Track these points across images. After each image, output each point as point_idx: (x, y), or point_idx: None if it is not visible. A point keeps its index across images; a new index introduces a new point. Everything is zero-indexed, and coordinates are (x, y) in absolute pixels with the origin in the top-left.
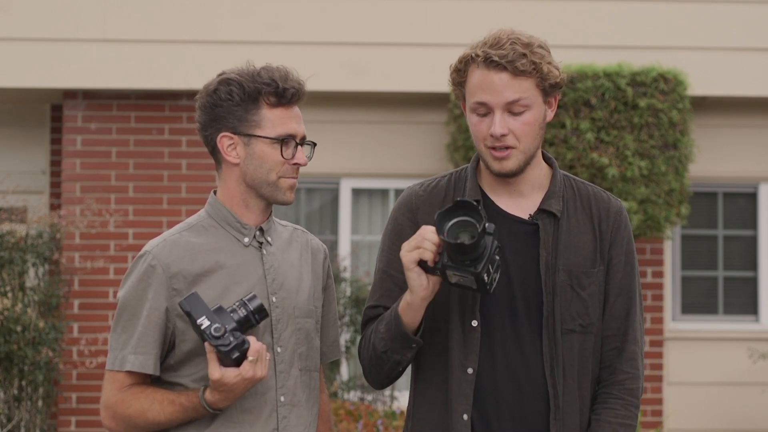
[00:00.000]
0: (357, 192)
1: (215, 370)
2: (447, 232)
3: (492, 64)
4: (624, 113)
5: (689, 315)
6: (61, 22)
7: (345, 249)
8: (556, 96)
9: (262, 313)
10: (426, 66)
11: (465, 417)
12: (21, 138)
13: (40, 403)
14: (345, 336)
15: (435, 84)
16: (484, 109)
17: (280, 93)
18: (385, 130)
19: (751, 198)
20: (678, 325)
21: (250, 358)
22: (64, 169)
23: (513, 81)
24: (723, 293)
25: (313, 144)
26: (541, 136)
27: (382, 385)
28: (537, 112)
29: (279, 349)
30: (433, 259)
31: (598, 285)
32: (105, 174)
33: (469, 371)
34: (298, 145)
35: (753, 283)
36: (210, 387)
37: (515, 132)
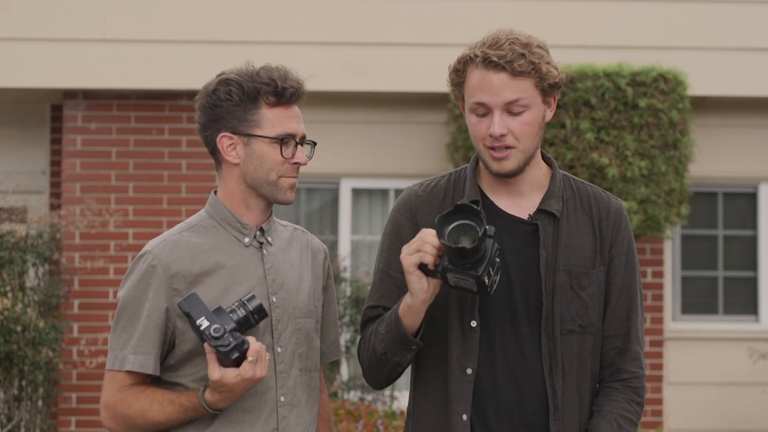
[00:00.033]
0: (357, 192)
1: (215, 370)
2: (448, 235)
3: (491, 64)
4: (624, 113)
5: (689, 315)
6: (61, 22)
7: (345, 249)
8: (555, 96)
9: (261, 313)
10: (426, 66)
11: (464, 417)
12: (21, 138)
13: (40, 403)
14: (345, 336)
15: (435, 84)
16: (483, 110)
17: (279, 92)
18: (385, 130)
19: (751, 198)
20: (678, 325)
21: (249, 358)
22: (64, 169)
23: (512, 81)
24: (723, 293)
25: (313, 143)
26: (541, 136)
27: (381, 386)
28: (536, 112)
29: (279, 349)
30: (434, 263)
31: (597, 285)
32: (105, 174)
33: (468, 371)
34: (298, 145)
35: (753, 283)
36: (210, 387)
37: (514, 132)
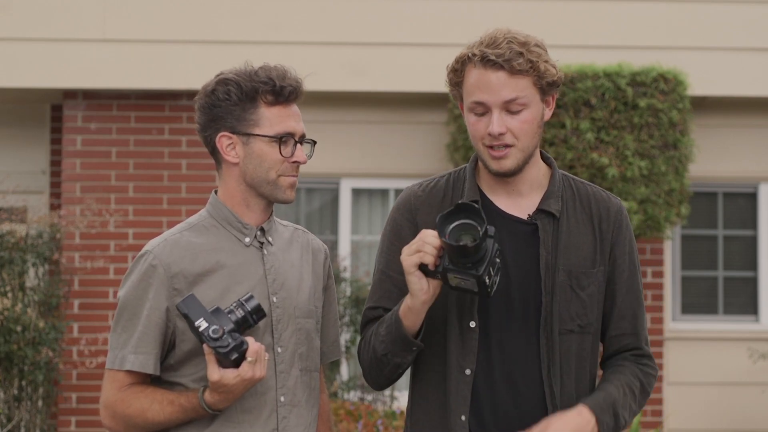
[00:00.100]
0: (357, 192)
1: (214, 371)
2: (449, 234)
3: (489, 63)
4: (624, 113)
5: (689, 315)
6: (61, 22)
7: (345, 249)
8: (553, 95)
9: (259, 314)
10: (426, 66)
11: (463, 418)
12: (21, 138)
13: (40, 403)
14: (345, 336)
15: (435, 84)
16: (481, 109)
17: (277, 91)
18: (385, 130)
19: (751, 198)
20: (678, 325)
21: (248, 358)
22: (64, 169)
23: (510, 80)
24: (723, 293)
25: (313, 142)
26: (540, 135)
27: (382, 387)
28: (535, 110)
29: (279, 350)
30: (434, 263)
31: (597, 285)
32: (105, 174)
33: (467, 372)
34: (297, 143)
35: (753, 283)
36: (209, 388)
37: (513, 131)
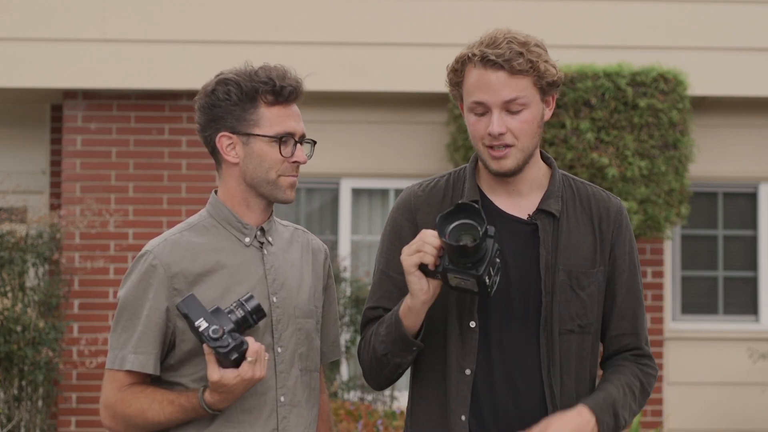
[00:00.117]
0: (357, 192)
1: (214, 371)
2: (449, 234)
3: (489, 63)
4: (624, 113)
5: (689, 315)
6: (61, 22)
7: (345, 249)
8: (553, 95)
9: (259, 314)
10: (426, 66)
11: (463, 418)
12: (21, 138)
13: (40, 403)
14: (345, 336)
15: (435, 84)
16: (481, 109)
17: (277, 91)
18: (385, 130)
19: (751, 198)
20: (678, 325)
21: (248, 358)
22: (64, 169)
23: (510, 80)
24: (723, 293)
25: (313, 142)
26: (540, 134)
27: (382, 387)
28: (535, 110)
29: (279, 350)
30: (434, 263)
31: (597, 285)
32: (105, 174)
33: (467, 372)
34: (297, 143)
35: (753, 283)
36: (209, 388)
37: (513, 131)
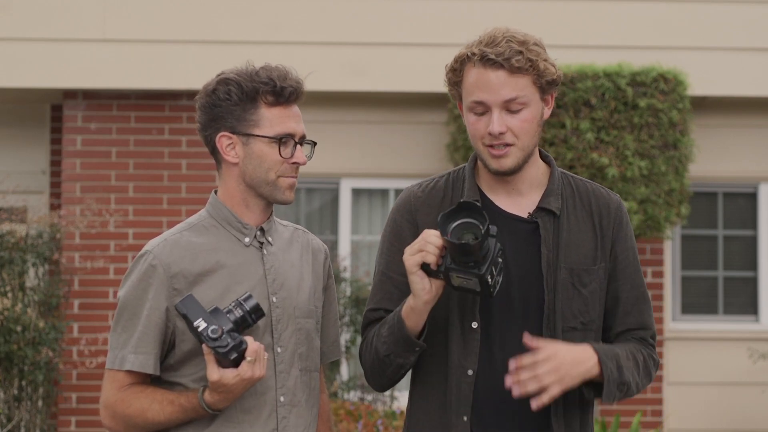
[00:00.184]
0: (357, 192)
1: (214, 371)
2: (450, 233)
3: (488, 62)
4: (624, 113)
5: (689, 315)
6: (61, 22)
7: (345, 249)
8: (552, 93)
9: (258, 313)
10: (426, 66)
11: (465, 418)
12: (21, 138)
13: (40, 403)
14: (345, 336)
15: (435, 84)
16: (481, 108)
17: (278, 92)
18: (385, 130)
19: (751, 198)
20: (678, 325)
21: (248, 358)
22: (64, 169)
23: (510, 79)
24: (723, 293)
25: (313, 143)
26: (539, 133)
27: (384, 388)
28: (534, 109)
29: (279, 350)
30: (436, 263)
31: (598, 282)
32: (105, 174)
33: (470, 373)
34: (297, 144)
35: (753, 283)
36: (209, 388)
37: (513, 130)
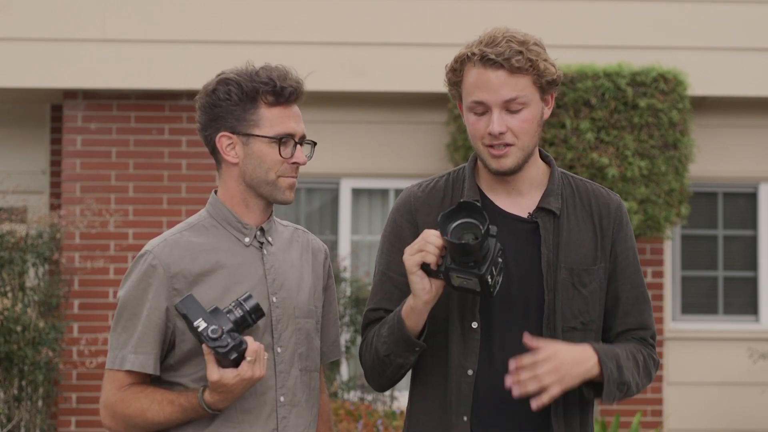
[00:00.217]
0: (357, 192)
1: (214, 371)
2: (451, 233)
3: (489, 62)
4: (624, 113)
5: (689, 315)
6: (61, 22)
7: (345, 249)
8: (552, 93)
9: (258, 313)
10: (426, 66)
11: (465, 418)
12: (21, 138)
13: (40, 403)
14: (345, 336)
15: (435, 84)
16: (481, 108)
17: (278, 92)
18: (385, 130)
19: (751, 198)
20: (678, 325)
21: (248, 358)
22: (64, 169)
23: (510, 79)
24: (723, 293)
25: (313, 143)
26: (539, 133)
27: (384, 388)
28: (534, 109)
29: (279, 350)
30: (436, 262)
31: (598, 282)
32: (105, 174)
33: (470, 373)
34: (297, 144)
35: (753, 283)
36: (209, 388)
37: (513, 130)
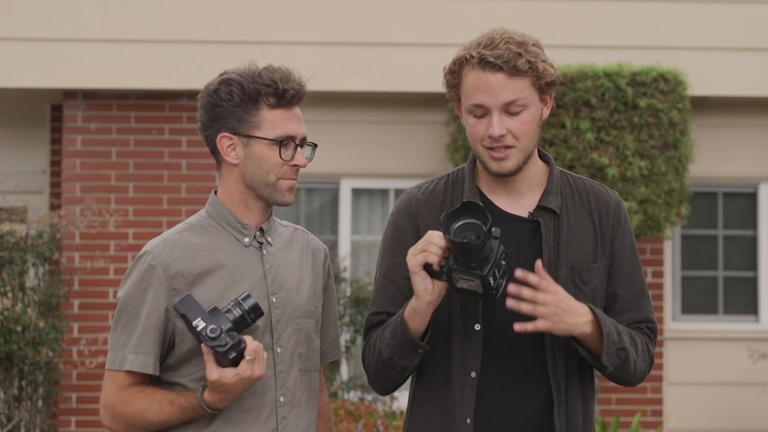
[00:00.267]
0: (357, 192)
1: (213, 371)
2: (453, 233)
3: (487, 65)
4: (624, 113)
5: (689, 315)
6: (61, 22)
7: (345, 249)
8: (551, 94)
9: (257, 312)
10: (426, 66)
11: (468, 420)
12: (21, 138)
13: (40, 403)
14: (345, 336)
15: (435, 84)
16: (481, 111)
17: (279, 94)
18: (385, 130)
19: (751, 198)
20: (678, 325)
21: (247, 357)
22: (64, 169)
23: (509, 81)
24: (723, 293)
25: (314, 145)
26: (539, 134)
27: (387, 391)
28: (534, 111)
29: (279, 350)
30: (439, 263)
31: (599, 280)
32: (105, 174)
33: (473, 375)
34: (297, 147)
35: (753, 283)
36: (208, 388)
37: (514, 132)
